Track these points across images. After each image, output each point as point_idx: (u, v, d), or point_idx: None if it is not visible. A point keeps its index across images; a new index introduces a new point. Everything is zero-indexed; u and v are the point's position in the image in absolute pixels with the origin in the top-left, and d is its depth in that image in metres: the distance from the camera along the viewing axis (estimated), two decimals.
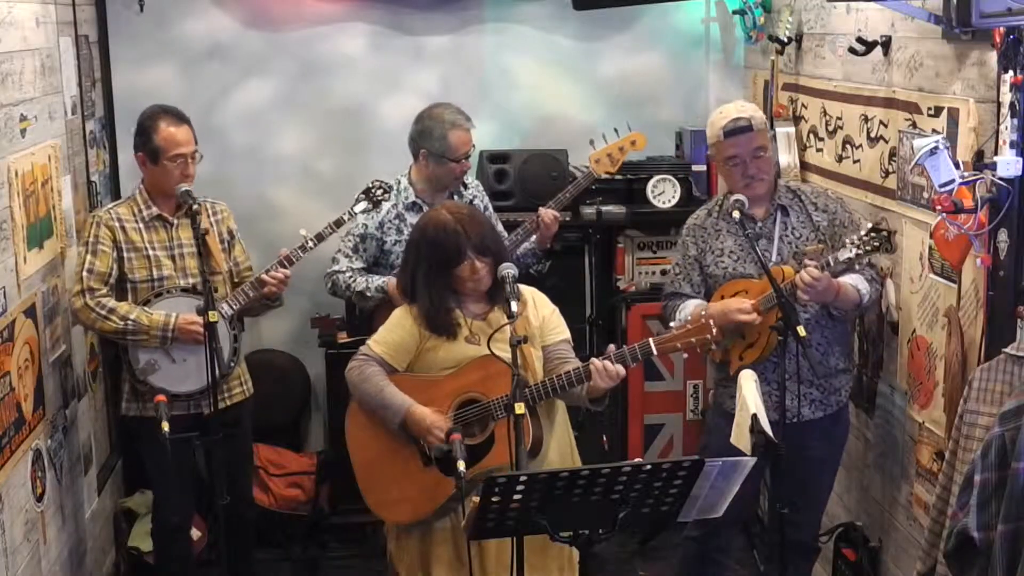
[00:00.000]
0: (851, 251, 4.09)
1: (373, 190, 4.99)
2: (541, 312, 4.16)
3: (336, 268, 5.18)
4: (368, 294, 5.12)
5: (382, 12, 6.30)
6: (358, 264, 5.18)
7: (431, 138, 5.16)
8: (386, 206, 5.20)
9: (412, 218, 5.19)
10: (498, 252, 4.09)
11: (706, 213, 4.62)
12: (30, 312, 4.52)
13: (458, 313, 4.09)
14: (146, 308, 4.69)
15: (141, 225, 4.78)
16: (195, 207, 4.57)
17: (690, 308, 4.42)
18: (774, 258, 4.40)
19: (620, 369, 3.89)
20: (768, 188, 4.46)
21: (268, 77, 6.30)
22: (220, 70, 6.25)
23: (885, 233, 4.06)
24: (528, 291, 4.20)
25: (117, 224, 4.76)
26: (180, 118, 4.80)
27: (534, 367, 4.01)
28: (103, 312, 4.65)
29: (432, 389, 4.04)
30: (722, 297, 4.43)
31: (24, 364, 4.41)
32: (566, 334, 4.19)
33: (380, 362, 4.09)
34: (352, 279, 5.15)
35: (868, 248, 4.07)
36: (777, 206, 4.47)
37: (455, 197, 5.29)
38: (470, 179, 5.46)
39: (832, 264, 4.12)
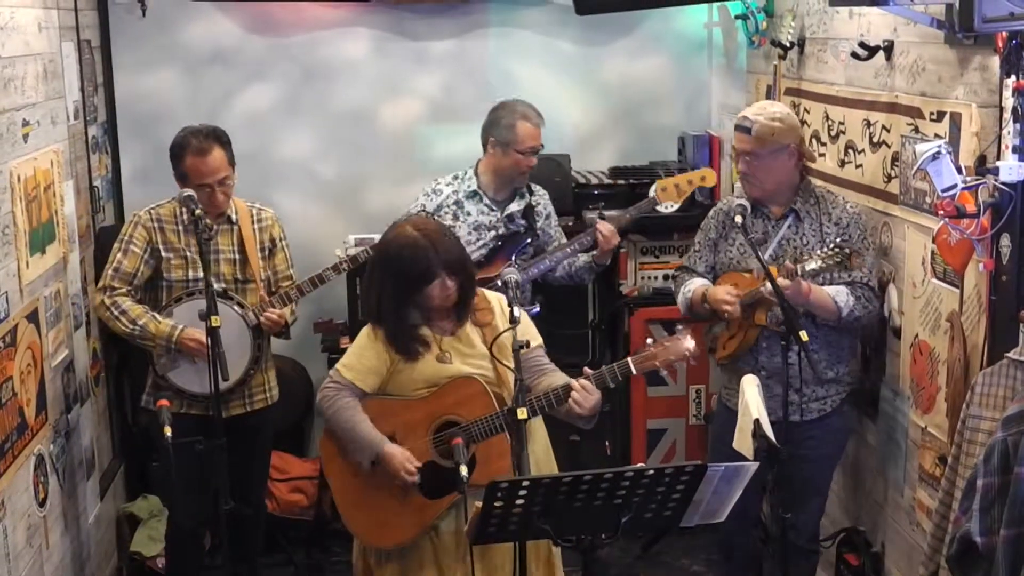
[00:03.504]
0: (816, 263, 4.25)
1: None
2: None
3: None
4: None
5: (385, 17, 6.31)
6: None
7: (499, 126, 5.24)
8: (447, 191, 5.32)
9: (470, 206, 5.31)
10: (468, 269, 4.00)
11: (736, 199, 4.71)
12: (32, 317, 4.52)
13: (427, 331, 3.99)
14: (157, 316, 4.73)
15: (180, 227, 4.83)
16: (197, 212, 4.55)
17: (695, 285, 4.65)
18: (766, 258, 4.45)
19: (593, 389, 3.81)
20: (764, 193, 4.54)
21: (271, 82, 6.31)
22: (223, 75, 6.26)
23: (847, 251, 4.22)
24: (495, 298, 4.12)
25: (155, 225, 4.82)
26: (210, 143, 4.75)
27: (507, 381, 3.91)
28: (116, 312, 4.73)
29: (407, 413, 3.96)
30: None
31: (26, 369, 4.41)
32: (539, 339, 4.08)
33: (351, 388, 3.98)
34: None
35: (830, 263, 4.23)
36: (791, 210, 4.54)
37: (519, 197, 5.34)
38: (537, 187, 5.50)
39: (800, 274, 4.25)
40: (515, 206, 5.38)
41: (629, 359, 3.90)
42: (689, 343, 3.89)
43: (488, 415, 3.86)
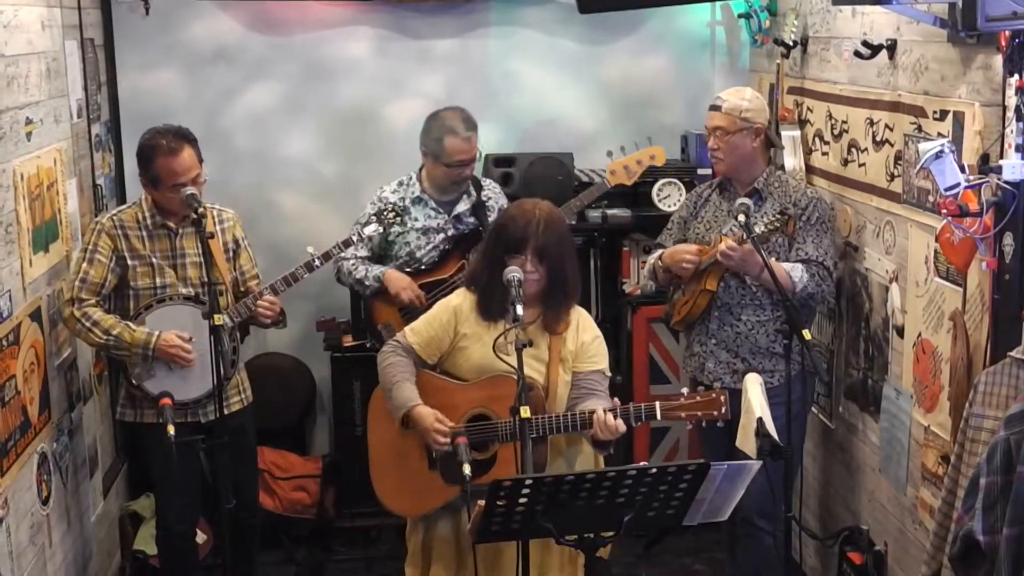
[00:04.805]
0: (759, 228, 4.54)
1: (385, 213, 5.07)
2: (581, 337, 4.11)
3: (342, 255, 5.27)
4: (366, 283, 5.30)
5: (387, 16, 6.31)
6: (363, 252, 5.36)
7: (430, 138, 5.32)
8: (393, 198, 5.36)
9: (416, 211, 5.37)
10: (559, 265, 4.02)
11: (707, 184, 5.16)
12: (35, 316, 4.52)
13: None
14: (130, 324, 4.66)
15: (144, 233, 4.76)
16: (199, 211, 4.54)
17: (656, 255, 5.00)
18: (724, 232, 4.79)
19: (620, 425, 3.86)
20: (728, 168, 4.89)
21: (273, 81, 6.31)
22: (225, 73, 6.26)
23: (785, 218, 4.57)
24: (576, 313, 4.16)
25: (119, 232, 4.73)
26: (180, 142, 4.68)
27: (555, 388, 4.00)
28: (87, 324, 4.62)
29: (448, 395, 4.05)
30: None
31: (30, 368, 4.41)
32: (602, 365, 4.14)
33: (409, 352, 4.11)
34: (355, 266, 5.33)
35: (771, 228, 4.56)
36: (755, 190, 4.85)
37: (466, 196, 5.41)
38: (488, 182, 5.56)
39: (746, 237, 4.50)
40: (462, 206, 5.44)
41: (657, 404, 3.95)
42: (724, 411, 3.92)
43: None
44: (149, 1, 6.07)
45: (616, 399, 3.96)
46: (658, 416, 3.92)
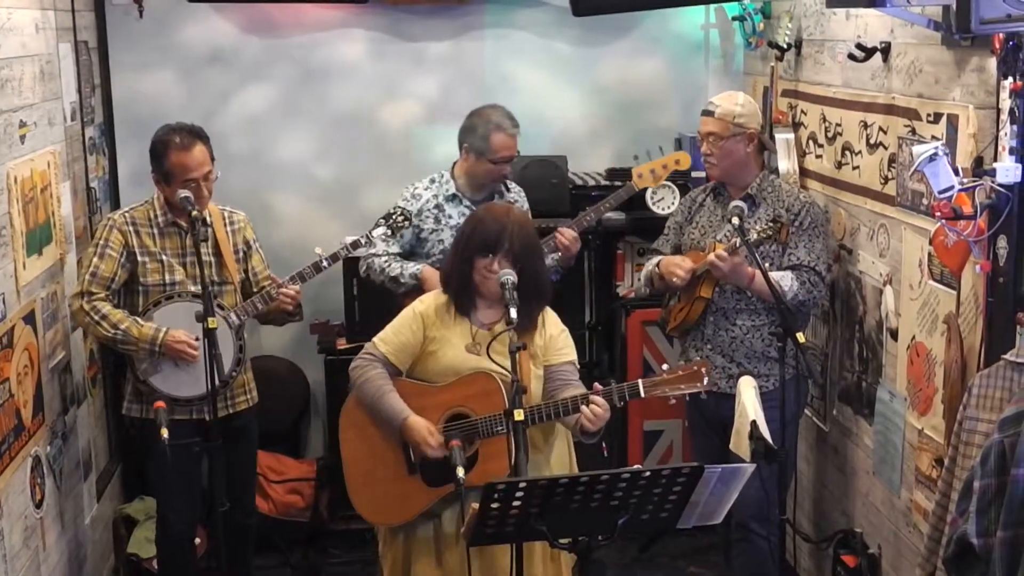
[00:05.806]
0: (752, 235, 4.56)
1: (394, 216, 5.03)
2: (548, 331, 4.14)
3: (373, 251, 5.22)
4: (402, 280, 5.19)
5: (382, 18, 6.31)
6: (394, 249, 5.26)
7: (474, 135, 5.24)
8: (427, 195, 5.31)
9: (450, 209, 5.30)
10: (532, 267, 4.05)
11: (702, 189, 5.13)
12: (29, 318, 4.52)
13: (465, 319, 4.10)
14: (139, 320, 4.68)
15: (156, 231, 4.79)
16: (194, 213, 4.55)
17: (653, 262, 4.98)
18: (719, 237, 4.82)
19: (606, 408, 3.87)
20: (722, 173, 4.89)
21: (268, 83, 6.30)
22: (220, 76, 6.26)
23: (778, 225, 4.61)
24: (545, 312, 4.19)
25: (131, 228, 4.77)
26: (192, 138, 4.73)
27: (529, 384, 3.99)
28: (96, 317, 4.66)
29: (426, 397, 4.05)
30: None
31: (23, 370, 4.41)
32: (572, 356, 4.18)
33: (384, 362, 4.10)
34: (387, 263, 5.23)
35: (764, 235, 4.59)
36: (748, 195, 4.83)
37: (495, 197, 5.35)
38: (514, 184, 5.51)
39: (737, 246, 4.56)
40: None
41: (640, 381, 3.97)
42: (707, 382, 3.94)
43: (496, 414, 3.92)
44: (143, 3, 6.07)
45: (596, 383, 3.96)
46: (641, 393, 3.94)
